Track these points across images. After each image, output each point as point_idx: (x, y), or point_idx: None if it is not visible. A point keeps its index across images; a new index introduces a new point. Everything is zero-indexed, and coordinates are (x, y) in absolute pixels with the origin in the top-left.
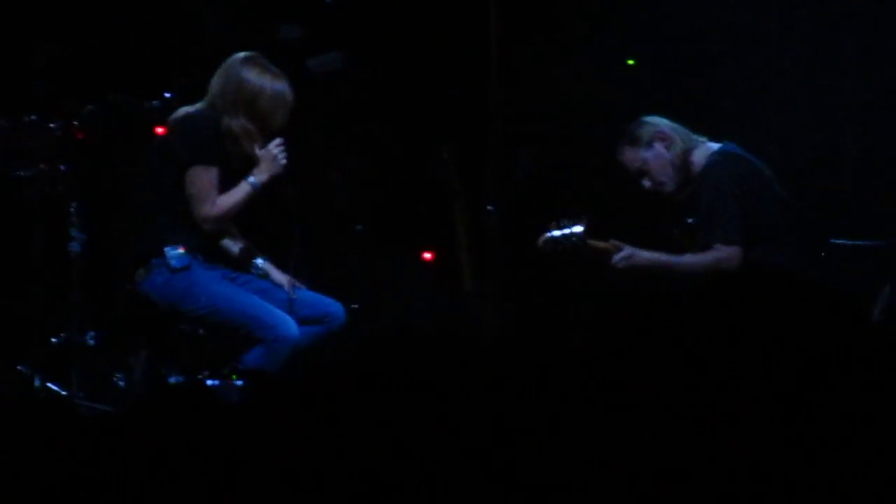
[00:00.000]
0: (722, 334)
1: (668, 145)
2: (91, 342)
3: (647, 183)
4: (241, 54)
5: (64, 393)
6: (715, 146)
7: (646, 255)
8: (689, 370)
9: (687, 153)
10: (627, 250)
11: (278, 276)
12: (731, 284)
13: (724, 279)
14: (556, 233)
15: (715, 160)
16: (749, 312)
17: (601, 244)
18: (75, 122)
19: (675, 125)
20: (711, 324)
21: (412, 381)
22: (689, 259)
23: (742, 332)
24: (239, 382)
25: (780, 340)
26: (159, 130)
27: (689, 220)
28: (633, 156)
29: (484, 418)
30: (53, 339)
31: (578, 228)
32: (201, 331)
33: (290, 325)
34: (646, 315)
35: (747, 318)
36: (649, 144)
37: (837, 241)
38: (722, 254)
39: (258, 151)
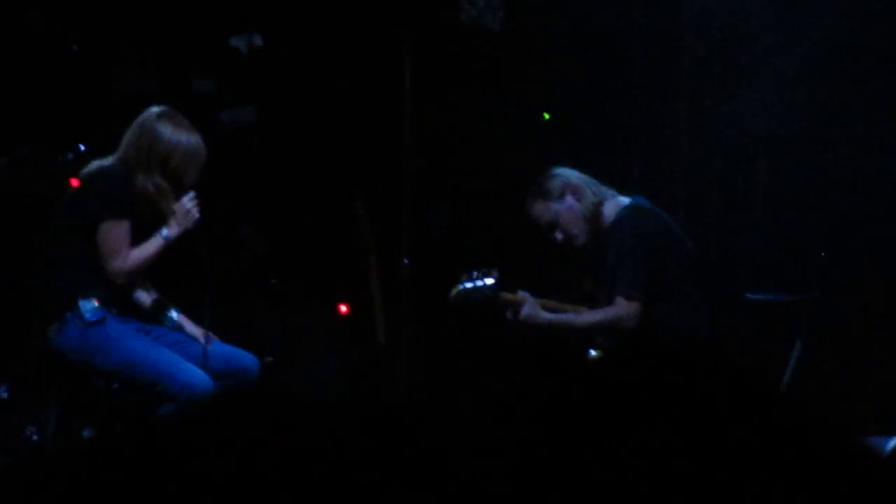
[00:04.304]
0: (623, 402)
1: (579, 198)
2: (4, 395)
3: (558, 236)
4: (155, 109)
5: None
6: (625, 200)
7: (545, 315)
8: (590, 435)
9: (598, 206)
10: (528, 307)
11: (192, 329)
12: (639, 352)
13: (634, 347)
14: (469, 285)
15: (625, 214)
16: (651, 383)
17: (511, 296)
18: None
19: (584, 177)
20: (614, 390)
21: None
22: (589, 314)
23: (642, 403)
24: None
25: (680, 413)
26: (73, 183)
27: (600, 273)
28: (543, 209)
29: (395, 477)
30: None
31: (490, 280)
32: (115, 385)
33: (204, 381)
34: (551, 376)
35: (649, 388)
36: (560, 197)
37: (751, 296)
38: (621, 310)
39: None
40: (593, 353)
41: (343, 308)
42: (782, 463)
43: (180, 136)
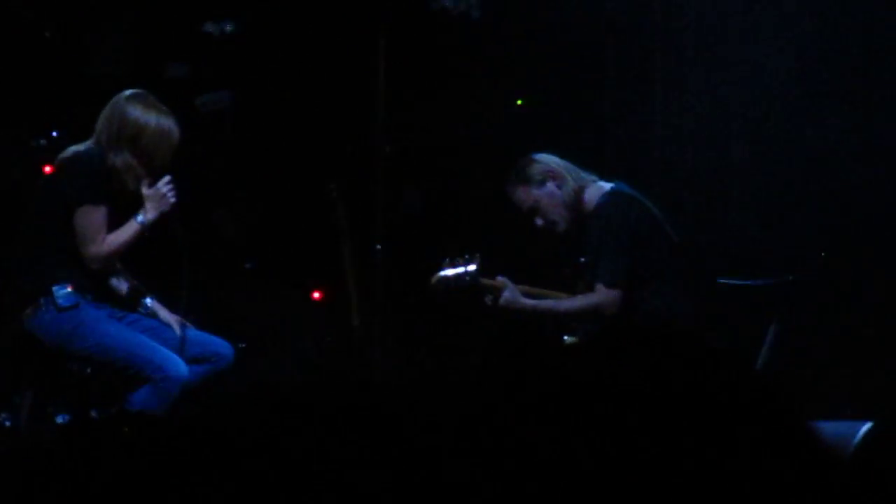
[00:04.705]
0: (603, 389)
1: (560, 184)
2: None
3: (539, 221)
4: (128, 91)
5: None
6: (607, 185)
7: (526, 302)
8: (569, 423)
9: (579, 192)
10: (508, 291)
11: (167, 315)
12: (619, 340)
13: (613, 334)
14: (450, 272)
15: (607, 200)
16: (632, 369)
17: (491, 282)
18: None
19: (565, 163)
20: (593, 378)
21: (299, 423)
22: (569, 301)
23: (624, 389)
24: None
25: (662, 398)
26: (47, 169)
27: (581, 259)
28: (524, 195)
29: (369, 462)
30: None
31: (472, 267)
32: (88, 370)
33: (179, 365)
34: (529, 364)
35: (630, 374)
36: (541, 183)
37: (725, 281)
38: (602, 297)
39: (147, 190)
40: (568, 338)
41: (317, 293)
42: (758, 447)
43: (149, 115)
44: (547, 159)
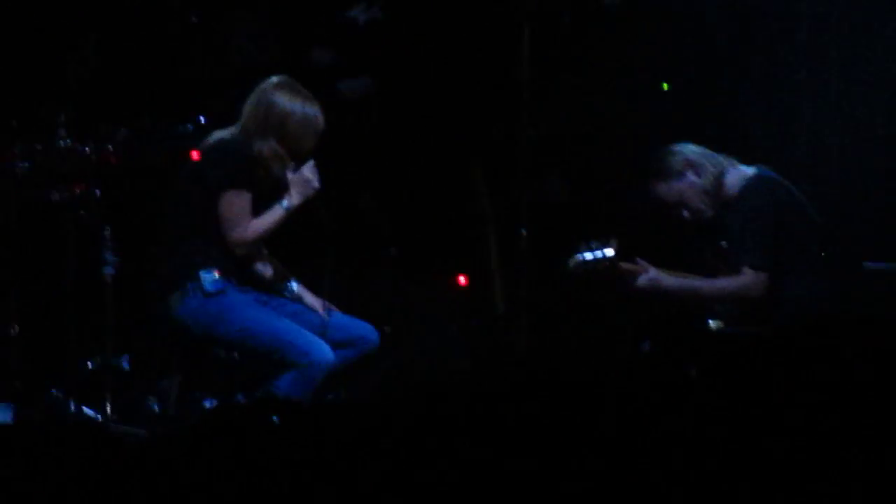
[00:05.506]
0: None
1: (700, 172)
2: (125, 366)
3: (685, 213)
4: (274, 78)
5: (98, 417)
6: (749, 169)
7: (671, 279)
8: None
9: (719, 177)
10: (653, 272)
11: (311, 299)
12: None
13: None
14: (588, 255)
15: (751, 184)
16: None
17: (630, 266)
18: (109, 146)
19: (702, 150)
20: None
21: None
22: (714, 283)
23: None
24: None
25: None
26: (193, 155)
27: (722, 243)
28: (666, 189)
29: (515, 445)
30: (87, 363)
31: (609, 251)
32: (235, 354)
33: (324, 350)
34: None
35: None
36: (681, 175)
37: (872, 265)
38: (749, 279)
39: (291, 175)
40: (713, 323)
41: (462, 278)
42: None
43: (296, 103)
44: (682, 149)
